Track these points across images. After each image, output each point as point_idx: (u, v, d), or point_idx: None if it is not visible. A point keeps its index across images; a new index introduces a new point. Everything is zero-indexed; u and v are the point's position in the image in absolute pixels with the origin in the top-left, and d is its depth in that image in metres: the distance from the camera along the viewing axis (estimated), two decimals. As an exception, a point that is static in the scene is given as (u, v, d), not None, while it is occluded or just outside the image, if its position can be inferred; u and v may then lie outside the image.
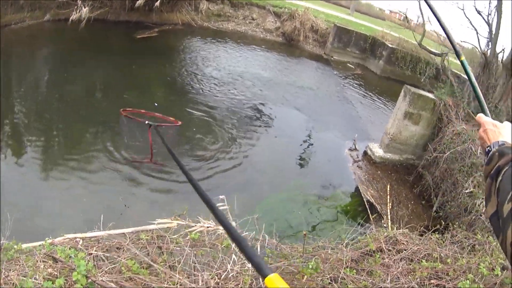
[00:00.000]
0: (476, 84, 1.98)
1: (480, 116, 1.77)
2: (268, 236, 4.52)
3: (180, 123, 7.43)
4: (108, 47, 16.64)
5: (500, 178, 1.38)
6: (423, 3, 12.90)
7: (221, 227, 4.18)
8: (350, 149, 11.60)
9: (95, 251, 3.56)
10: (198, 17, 21.95)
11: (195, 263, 3.59)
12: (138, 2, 17.71)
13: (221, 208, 4.43)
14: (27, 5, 16.89)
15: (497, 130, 1.64)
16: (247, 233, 4.45)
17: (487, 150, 1.59)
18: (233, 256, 3.76)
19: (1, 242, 3.69)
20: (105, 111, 10.75)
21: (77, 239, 3.86)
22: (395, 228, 6.15)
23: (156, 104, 11.71)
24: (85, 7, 16.47)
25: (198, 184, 1.94)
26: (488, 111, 1.83)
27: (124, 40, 17.99)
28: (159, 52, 17.24)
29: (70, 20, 16.14)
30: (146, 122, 6.72)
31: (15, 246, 3.55)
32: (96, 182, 7.98)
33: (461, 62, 2.06)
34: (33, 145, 8.95)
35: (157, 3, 18.19)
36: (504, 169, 1.39)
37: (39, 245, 3.67)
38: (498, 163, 1.44)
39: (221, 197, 4.69)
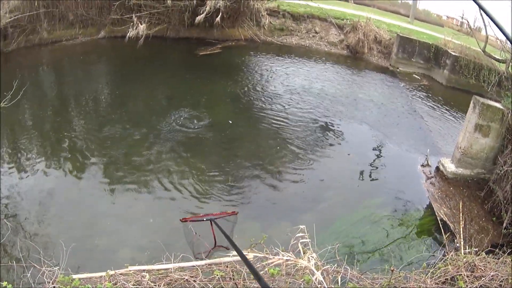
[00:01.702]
0: None
1: None
2: (349, 268, 4.56)
3: (237, 212, 7.81)
4: (169, 63, 16.85)
5: None
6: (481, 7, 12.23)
7: (301, 261, 4.13)
8: (423, 165, 11.59)
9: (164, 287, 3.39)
10: (261, 32, 22.09)
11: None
12: (197, 18, 17.83)
13: (302, 240, 4.48)
14: (78, 21, 17.43)
15: None
16: (328, 266, 4.47)
17: None
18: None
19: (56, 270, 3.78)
20: (172, 129, 11.24)
21: (143, 273, 3.67)
22: (467, 247, 6.35)
23: (230, 122, 12.13)
24: (141, 24, 16.80)
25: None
26: None
27: (186, 56, 18.22)
28: (223, 68, 17.38)
29: (127, 37, 16.45)
30: (205, 219, 7.28)
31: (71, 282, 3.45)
32: (161, 202, 8.26)
33: None
34: (93, 161, 9.35)
35: (218, 19, 18.27)
36: None
37: (100, 277, 3.64)
38: None
39: (301, 227, 4.74)
